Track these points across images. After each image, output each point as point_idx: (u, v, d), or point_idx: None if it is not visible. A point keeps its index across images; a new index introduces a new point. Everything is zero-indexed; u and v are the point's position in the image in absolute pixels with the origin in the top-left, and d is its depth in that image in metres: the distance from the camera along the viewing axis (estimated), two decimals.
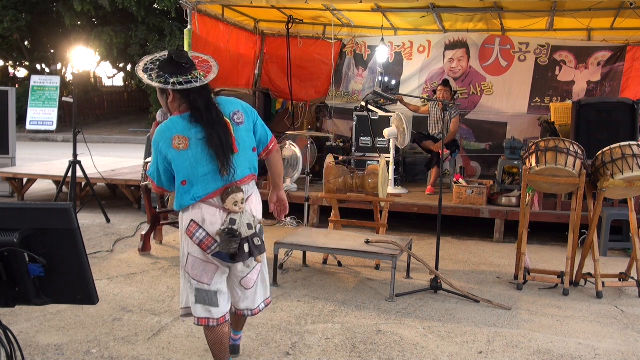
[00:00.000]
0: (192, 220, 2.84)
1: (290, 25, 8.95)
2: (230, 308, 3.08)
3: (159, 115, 3.30)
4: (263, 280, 3.16)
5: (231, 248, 2.78)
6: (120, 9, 17.64)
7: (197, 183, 2.81)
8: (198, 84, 2.81)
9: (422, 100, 8.44)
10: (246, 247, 2.81)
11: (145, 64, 2.89)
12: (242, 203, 2.84)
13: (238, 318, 3.23)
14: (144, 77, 2.83)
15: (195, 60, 2.95)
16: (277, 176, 3.25)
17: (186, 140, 2.78)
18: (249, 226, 2.84)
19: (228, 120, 2.87)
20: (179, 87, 2.78)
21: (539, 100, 8.61)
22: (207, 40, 7.56)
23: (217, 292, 2.93)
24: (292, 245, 4.97)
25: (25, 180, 7.94)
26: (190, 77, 2.82)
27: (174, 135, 2.78)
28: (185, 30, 7.12)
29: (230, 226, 2.79)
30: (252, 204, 2.97)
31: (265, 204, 3.15)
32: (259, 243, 2.88)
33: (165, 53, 2.92)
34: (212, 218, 2.82)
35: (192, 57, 2.95)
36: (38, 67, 22.81)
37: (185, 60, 2.86)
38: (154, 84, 2.81)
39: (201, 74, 2.87)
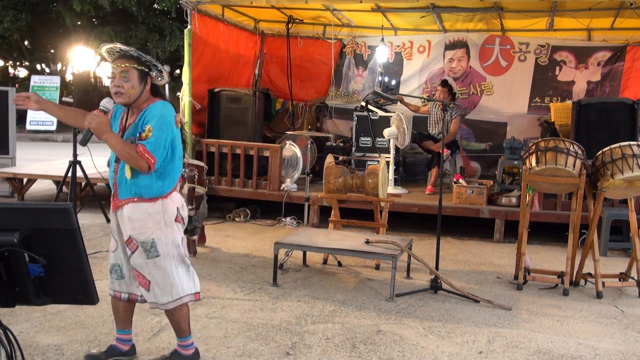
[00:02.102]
0: (177, 207, 3.13)
1: (290, 25, 8.95)
2: (121, 296, 3.27)
3: (107, 102, 3.07)
4: None
5: (190, 225, 3.27)
6: (120, 9, 17.61)
7: (180, 161, 3.16)
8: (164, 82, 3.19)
9: (422, 100, 8.44)
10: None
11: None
12: None
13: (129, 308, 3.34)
14: (157, 64, 3.07)
15: None
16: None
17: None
18: None
19: None
20: (166, 80, 3.12)
21: (539, 100, 8.61)
22: (207, 40, 7.56)
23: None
24: (292, 245, 4.96)
25: (25, 180, 7.92)
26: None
27: (175, 114, 3.12)
28: (185, 30, 7.12)
29: (190, 206, 3.26)
30: None
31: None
32: None
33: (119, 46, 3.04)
34: (184, 203, 3.23)
35: None
36: (38, 67, 22.77)
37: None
38: (165, 68, 3.09)
39: None
